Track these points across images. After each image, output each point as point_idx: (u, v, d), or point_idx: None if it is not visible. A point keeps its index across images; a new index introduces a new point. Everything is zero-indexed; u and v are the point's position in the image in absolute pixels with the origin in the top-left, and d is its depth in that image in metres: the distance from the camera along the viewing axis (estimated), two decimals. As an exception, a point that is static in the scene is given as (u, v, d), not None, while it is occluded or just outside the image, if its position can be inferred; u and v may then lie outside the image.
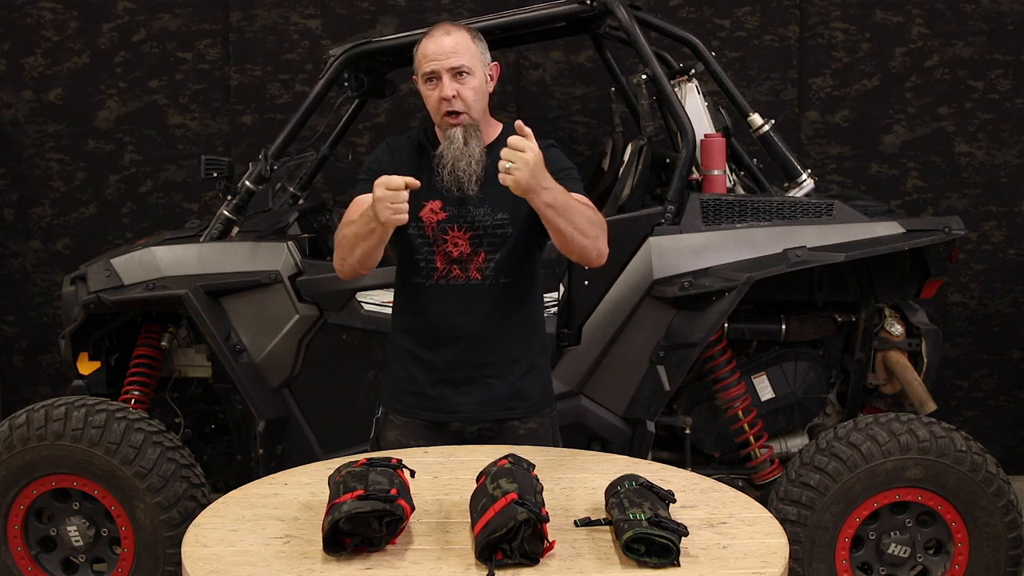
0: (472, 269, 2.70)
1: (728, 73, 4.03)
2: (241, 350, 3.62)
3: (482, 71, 2.72)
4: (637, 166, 3.68)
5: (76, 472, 3.35)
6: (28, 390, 5.30)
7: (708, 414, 3.73)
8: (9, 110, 5.20)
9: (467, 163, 2.66)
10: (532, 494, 2.00)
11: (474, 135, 2.69)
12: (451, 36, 2.69)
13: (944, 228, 3.56)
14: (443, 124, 2.70)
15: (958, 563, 3.23)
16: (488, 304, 2.71)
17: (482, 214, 2.70)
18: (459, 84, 2.67)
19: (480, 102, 2.71)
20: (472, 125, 2.69)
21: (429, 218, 2.70)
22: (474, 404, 2.75)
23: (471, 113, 2.69)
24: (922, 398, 3.65)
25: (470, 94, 2.68)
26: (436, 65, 2.66)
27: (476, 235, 2.70)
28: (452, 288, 2.71)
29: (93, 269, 3.77)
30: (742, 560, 1.96)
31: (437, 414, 2.76)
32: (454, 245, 2.70)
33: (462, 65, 2.67)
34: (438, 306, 2.72)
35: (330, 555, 1.96)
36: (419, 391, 2.76)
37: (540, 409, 2.81)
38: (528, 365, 2.78)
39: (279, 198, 4.14)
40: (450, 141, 2.68)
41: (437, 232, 2.70)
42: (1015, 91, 5.05)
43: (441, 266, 2.71)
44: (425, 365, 2.75)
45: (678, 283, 3.48)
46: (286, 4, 5.11)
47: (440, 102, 2.67)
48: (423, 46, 2.71)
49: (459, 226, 2.70)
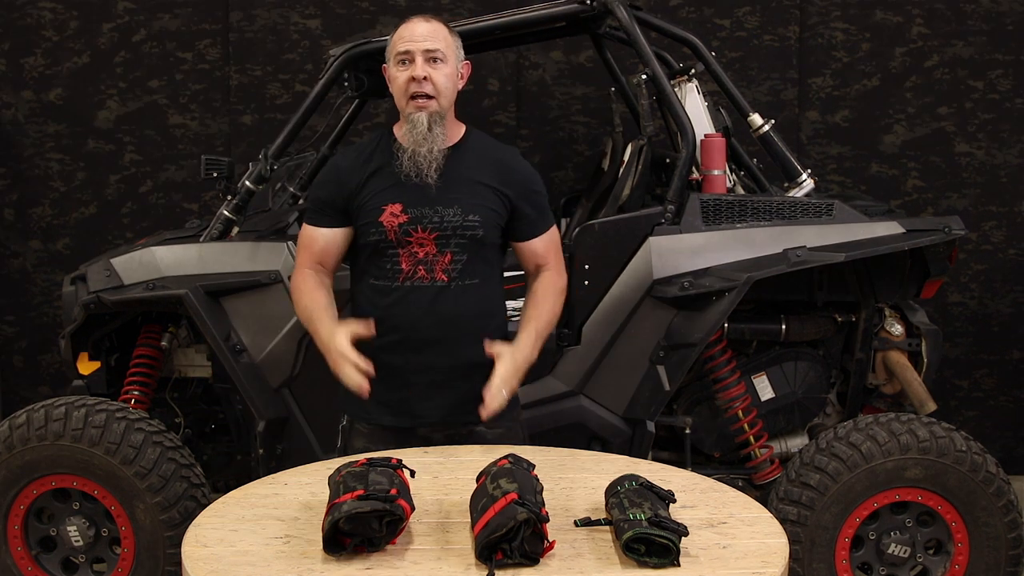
0: (438, 270, 2.68)
1: (728, 73, 4.03)
2: (241, 350, 3.62)
3: (455, 63, 2.71)
4: (637, 166, 3.68)
5: (76, 472, 3.35)
6: (28, 390, 5.30)
7: (708, 414, 3.73)
8: (9, 110, 5.20)
9: (428, 149, 2.64)
10: (532, 494, 2.00)
11: (438, 123, 2.66)
12: (429, 23, 2.70)
13: (944, 228, 3.56)
14: (408, 108, 2.67)
15: (958, 563, 3.23)
16: (454, 306, 2.69)
17: (451, 214, 2.67)
18: (432, 68, 2.65)
19: (449, 93, 2.70)
20: (438, 113, 2.66)
21: (390, 222, 2.67)
22: (440, 409, 2.72)
23: (440, 100, 2.66)
24: (922, 398, 3.65)
25: (442, 79, 2.66)
26: (411, 46, 2.65)
27: (443, 235, 2.67)
28: (417, 290, 2.68)
29: (93, 269, 3.77)
30: (742, 560, 1.96)
31: (403, 419, 2.73)
32: (420, 246, 2.67)
33: (437, 50, 2.66)
34: (402, 308, 2.69)
35: (330, 555, 1.96)
36: (383, 398, 2.71)
37: (507, 413, 2.73)
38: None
39: (279, 198, 4.14)
40: (413, 125, 2.65)
41: (400, 235, 2.67)
42: (1015, 91, 5.06)
43: (407, 268, 2.68)
44: (388, 370, 2.70)
45: (678, 283, 3.48)
46: (286, 4, 5.11)
47: (409, 82, 2.65)
48: (399, 30, 2.71)
49: (423, 227, 2.67)
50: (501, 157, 2.79)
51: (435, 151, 2.65)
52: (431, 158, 2.65)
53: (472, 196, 2.70)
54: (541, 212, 2.80)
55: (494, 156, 2.78)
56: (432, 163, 2.65)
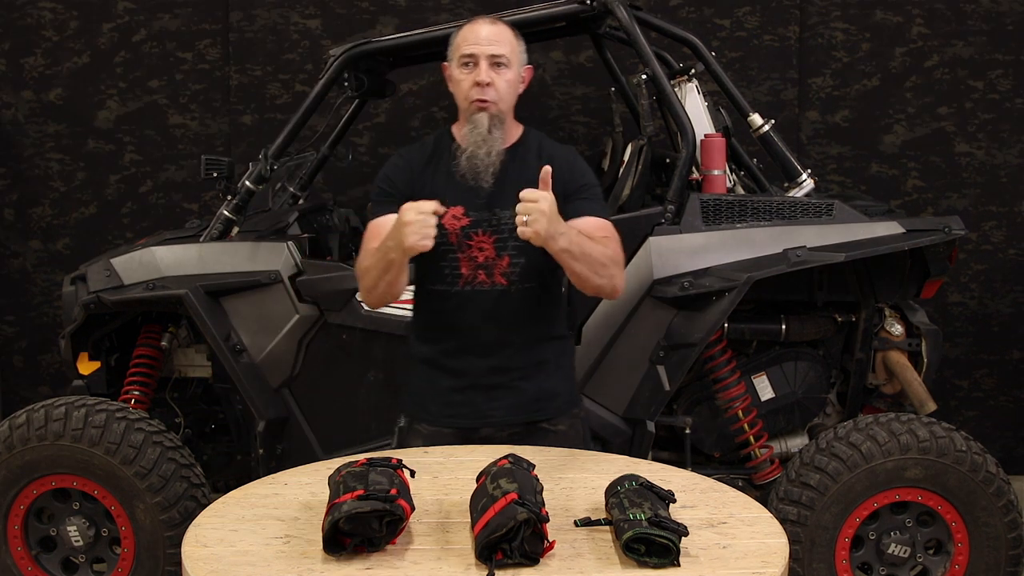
0: (497, 274, 2.67)
1: (728, 73, 4.03)
2: (241, 350, 3.62)
3: (518, 68, 2.70)
4: (637, 166, 3.68)
5: (76, 472, 3.35)
6: (28, 390, 5.30)
7: (708, 414, 3.73)
8: (9, 110, 5.20)
9: (486, 151, 2.63)
10: (532, 494, 2.00)
11: (498, 126, 2.65)
12: (495, 26, 2.69)
13: (944, 228, 3.56)
14: (470, 110, 2.65)
15: (958, 563, 3.23)
16: (514, 309, 2.68)
17: (508, 216, 2.64)
18: (495, 73, 2.64)
19: (510, 97, 2.69)
20: (498, 116, 2.65)
21: (452, 224, 2.66)
22: (503, 409, 2.72)
23: (501, 105, 2.65)
24: (922, 398, 3.65)
25: (504, 85, 2.65)
26: (476, 49, 2.64)
27: (500, 239, 2.66)
28: (478, 294, 2.67)
29: (93, 269, 3.77)
30: (742, 560, 1.96)
31: (467, 421, 2.73)
32: (479, 250, 2.66)
33: (502, 55, 2.65)
34: (464, 313, 2.68)
35: (330, 555, 1.96)
36: (447, 399, 2.73)
37: (568, 409, 2.80)
38: (555, 366, 2.77)
39: (279, 198, 4.14)
40: (474, 126, 2.64)
41: (461, 238, 2.66)
42: (1015, 91, 5.05)
43: (467, 272, 2.67)
44: (452, 373, 2.71)
45: (678, 283, 3.48)
46: (286, 4, 5.11)
47: (473, 86, 2.63)
48: (463, 31, 2.69)
49: (483, 230, 2.66)
50: (557, 155, 2.75)
51: (493, 154, 2.64)
52: (488, 161, 2.64)
53: None
54: (591, 200, 2.70)
55: (551, 154, 2.74)
56: (489, 166, 2.64)
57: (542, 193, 2.44)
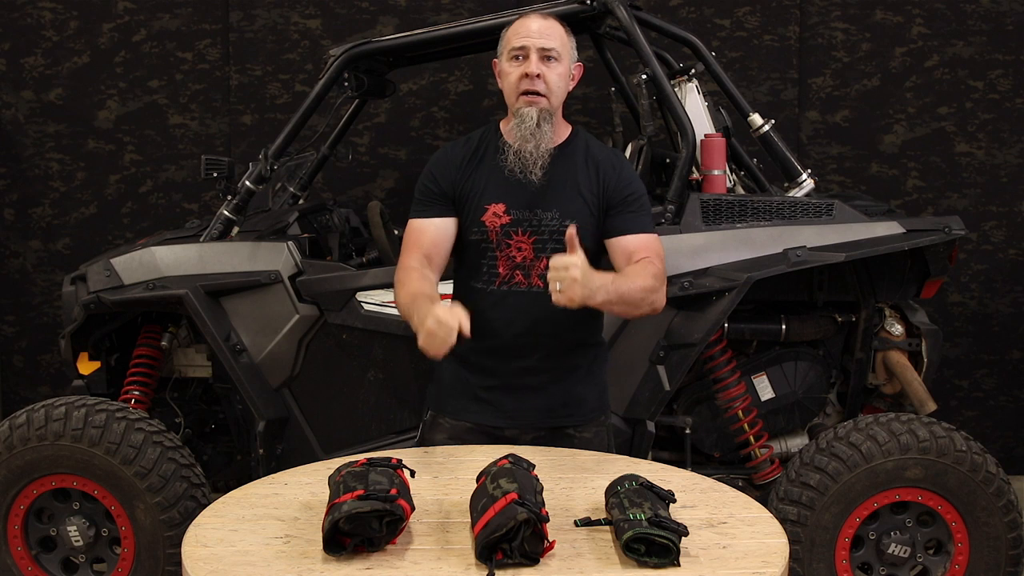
0: (534, 276, 2.65)
1: (728, 73, 4.03)
2: (241, 350, 3.62)
3: (568, 64, 2.68)
4: (637, 166, 3.69)
5: (76, 472, 3.35)
6: (28, 390, 5.30)
7: (708, 414, 3.73)
8: (9, 110, 5.20)
9: (535, 145, 2.61)
10: (532, 494, 2.00)
11: (547, 120, 2.62)
12: (546, 20, 2.66)
13: (944, 228, 3.56)
14: (517, 103, 2.63)
15: (958, 563, 3.23)
16: (550, 313, 2.61)
17: (549, 218, 2.64)
18: (545, 67, 2.62)
19: (560, 92, 2.66)
20: (547, 110, 2.63)
21: (492, 222, 2.64)
22: (531, 411, 2.71)
23: (550, 99, 2.63)
24: (922, 398, 3.65)
25: (554, 79, 2.63)
26: (528, 41, 2.62)
27: (540, 240, 2.65)
28: (514, 295, 2.66)
29: (93, 269, 3.77)
30: (742, 560, 1.96)
31: (493, 418, 2.72)
32: (518, 250, 2.65)
33: (553, 48, 2.63)
34: (499, 312, 2.66)
35: (330, 555, 1.96)
36: (474, 395, 2.72)
37: (595, 416, 2.80)
38: (585, 371, 2.76)
39: (279, 198, 4.14)
40: (521, 119, 2.61)
41: (501, 236, 2.64)
42: (1015, 91, 5.06)
43: (504, 271, 2.66)
44: (482, 370, 2.71)
45: (678, 283, 3.48)
46: (286, 4, 5.11)
47: (522, 78, 2.61)
48: (514, 25, 2.67)
49: (523, 230, 2.64)
50: (604, 158, 2.73)
51: (542, 148, 2.61)
52: (537, 155, 2.61)
53: (571, 200, 2.66)
54: (637, 213, 2.68)
55: (597, 157, 2.72)
56: (538, 160, 2.61)
57: (571, 259, 2.38)
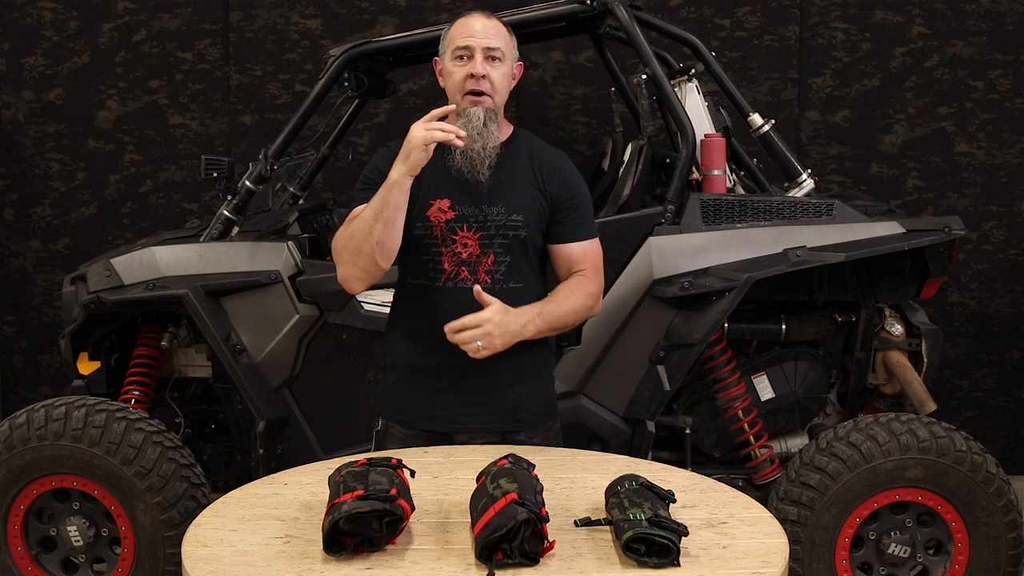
0: (481, 272, 2.64)
1: (728, 73, 4.03)
2: (241, 350, 3.62)
3: (511, 63, 2.71)
4: (637, 166, 3.68)
5: (76, 472, 3.35)
6: (28, 390, 5.30)
7: (708, 414, 3.73)
8: (9, 110, 5.20)
9: (483, 144, 2.61)
10: (532, 494, 2.00)
11: (493, 119, 2.64)
12: (490, 20, 2.69)
13: (944, 228, 3.56)
14: (463, 103, 2.64)
15: (958, 563, 3.23)
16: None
17: (495, 213, 2.64)
18: (490, 66, 2.64)
19: (504, 92, 2.69)
20: (493, 110, 2.65)
21: (437, 217, 2.64)
22: (479, 416, 2.69)
23: (495, 98, 2.65)
24: (922, 398, 3.65)
25: (499, 79, 2.65)
26: (472, 42, 2.63)
27: (487, 235, 2.64)
28: (460, 291, 2.63)
29: (93, 269, 3.77)
30: (742, 560, 1.96)
31: (442, 425, 2.70)
32: (463, 246, 2.64)
33: (497, 48, 2.65)
34: (444, 310, 2.62)
35: (330, 555, 1.96)
36: (422, 402, 2.70)
37: (544, 422, 2.76)
38: (535, 375, 2.74)
39: (279, 198, 4.14)
40: (468, 119, 2.61)
41: (445, 232, 2.64)
42: (1015, 91, 5.06)
43: (449, 268, 2.64)
44: (428, 374, 2.68)
45: (678, 283, 3.48)
46: (286, 4, 5.11)
47: (467, 78, 2.62)
48: (457, 25, 2.69)
49: (468, 226, 2.64)
50: (548, 159, 2.75)
51: (489, 147, 2.62)
52: (484, 155, 2.62)
53: (517, 195, 2.67)
54: (581, 219, 2.74)
55: (542, 157, 2.75)
56: (485, 160, 2.62)
57: (481, 316, 2.51)
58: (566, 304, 2.65)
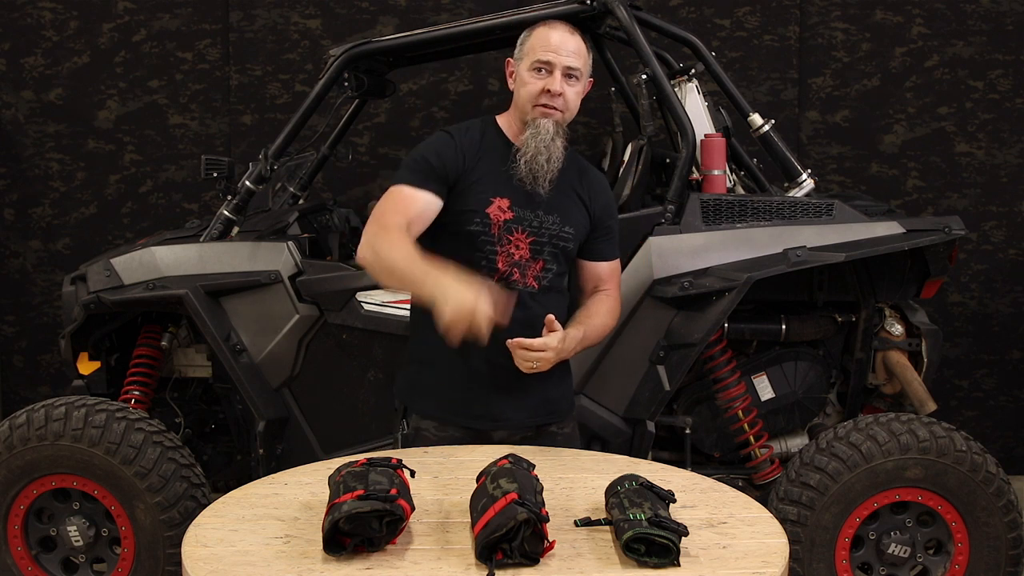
0: (530, 276, 2.68)
1: (728, 73, 4.03)
2: (241, 350, 3.62)
3: (585, 81, 2.73)
4: (637, 166, 3.68)
5: (76, 472, 3.35)
6: (28, 390, 5.30)
7: (708, 414, 3.73)
8: (9, 110, 5.20)
9: (547, 158, 2.62)
10: (532, 494, 2.00)
11: (561, 134, 2.66)
12: (575, 37, 2.68)
13: (944, 228, 3.56)
14: (533, 113, 2.64)
15: (958, 563, 3.23)
16: (539, 311, 2.65)
17: (551, 222, 2.67)
18: (568, 85, 2.65)
19: (574, 110, 2.71)
20: (561, 124, 2.66)
21: (497, 215, 2.64)
22: (520, 411, 2.72)
23: (566, 115, 2.67)
24: (922, 398, 3.65)
25: (573, 97, 2.67)
26: (554, 58, 2.63)
27: (538, 241, 2.67)
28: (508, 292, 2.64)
29: (93, 269, 3.77)
30: (742, 560, 1.96)
31: (482, 422, 2.71)
32: (516, 247, 2.66)
33: (578, 68, 2.66)
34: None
35: (330, 555, 1.96)
36: (461, 398, 2.70)
37: (571, 411, 2.87)
38: (562, 370, 2.77)
39: (279, 198, 4.14)
40: (537, 130, 2.62)
41: (503, 231, 2.65)
42: (1015, 91, 5.06)
43: (503, 268, 2.65)
44: (467, 371, 2.68)
45: (678, 283, 3.48)
46: (286, 4, 5.11)
47: (542, 93, 2.63)
48: (543, 33, 2.67)
49: (523, 228, 2.66)
50: (594, 179, 2.82)
51: (554, 160, 2.64)
52: (549, 167, 2.63)
53: (570, 209, 2.72)
54: (613, 240, 2.85)
55: (589, 176, 2.81)
56: (548, 173, 2.64)
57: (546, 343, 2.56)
58: (602, 327, 2.77)
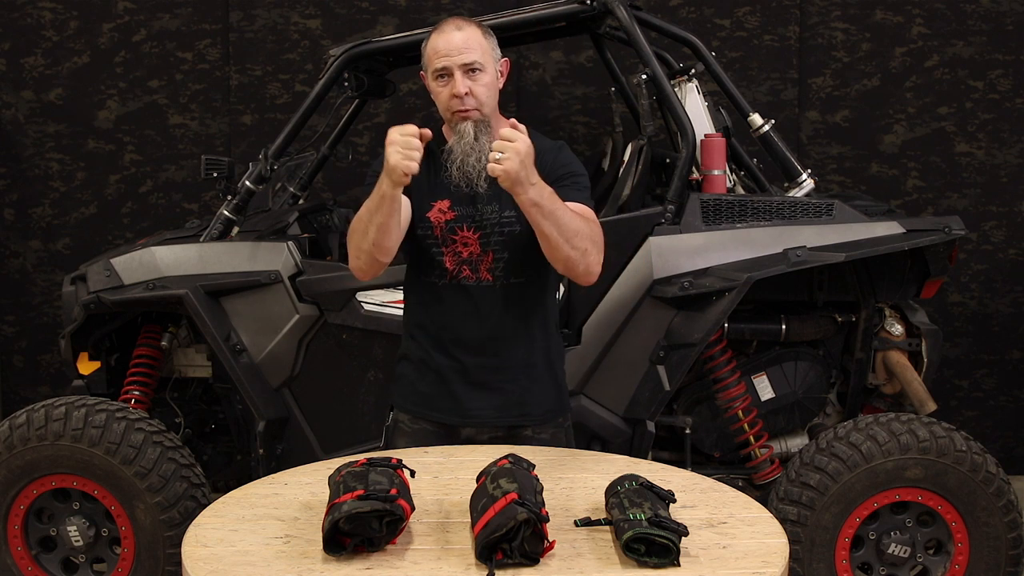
0: (482, 270, 2.66)
1: (728, 73, 4.03)
2: (241, 350, 3.62)
3: (493, 67, 2.67)
4: (637, 166, 3.68)
5: (76, 472, 3.35)
6: (28, 390, 5.30)
7: (708, 414, 3.73)
8: (9, 110, 5.20)
9: (476, 158, 2.60)
10: (532, 494, 2.00)
11: (484, 131, 2.63)
12: (462, 31, 2.63)
13: (944, 228, 3.56)
14: (453, 120, 2.64)
15: (958, 563, 3.23)
16: (500, 306, 2.66)
17: (490, 211, 2.65)
18: (471, 81, 2.61)
19: (492, 99, 2.66)
20: (483, 121, 2.63)
21: (437, 218, 2.65)
22: (487, 409, 2.70)
23: (483, 110, 2.63)
24: (922, 398, 3.65)
25: (482, 91, 2.62)
26: (448, 61, 2.60)
27: (485, 234, 2.65)
28: (463, 289, 2.66)
29: (93, 269, 3.77)
30: (742, 560, 1.96)
31: (450, 417, 2.71)
32: (464, 245, 2.65)
33: (474, 61, 2.61)
34: (450, 307, 2.67)
35: (330, 555, 1.96)
36: (431, 393, 2.72)
37: (553, 417, 2.76)
38: (543, 369, 2.74)
39: (279, 198, 4.14)
40: (460, 135, 2.61)
41: (446, 232, 2.65)
42: (1015, 91, 5.06)
43: (451, 267, 2.66)
44: (438, 368, 2.70)
45: (678, 283, 3.48)
46: (286, 4, 5.11)
47: (451, 99, 2.61)
48: (433, 41, 2.65)
49: (468, 226, 2.65)
50: (542, 147, 2.69)
51: (483, 159, 2.59)
52: (480, 167, 2.60)
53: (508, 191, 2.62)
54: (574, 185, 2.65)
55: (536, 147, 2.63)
56: (481, 172, 2.60)
57: (520, 135, 2.40)
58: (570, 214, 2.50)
